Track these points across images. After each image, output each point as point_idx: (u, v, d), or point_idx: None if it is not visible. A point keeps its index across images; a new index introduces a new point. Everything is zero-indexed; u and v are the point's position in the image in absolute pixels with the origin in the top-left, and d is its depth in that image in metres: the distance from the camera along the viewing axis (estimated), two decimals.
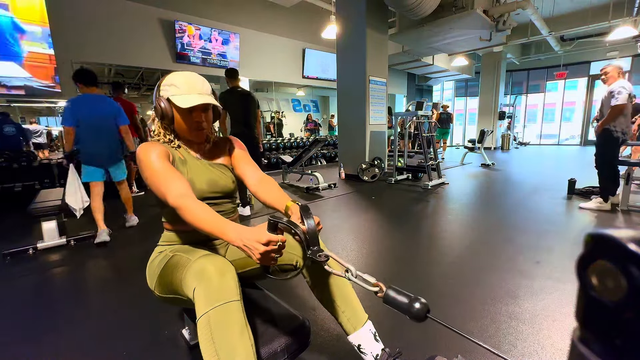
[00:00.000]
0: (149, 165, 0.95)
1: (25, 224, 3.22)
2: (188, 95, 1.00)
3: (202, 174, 1.06)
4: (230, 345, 0.75)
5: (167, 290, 0.97)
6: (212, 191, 1.07)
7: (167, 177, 0.93)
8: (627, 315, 0.20)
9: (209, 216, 0.85)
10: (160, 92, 1.02)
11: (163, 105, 1.01)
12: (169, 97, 1.00)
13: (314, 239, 0.81)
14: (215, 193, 1.08)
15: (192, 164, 1.06)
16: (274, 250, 0.78)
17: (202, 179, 1.05)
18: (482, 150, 7.30)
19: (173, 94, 1.01)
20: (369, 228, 2.85)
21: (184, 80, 1.02)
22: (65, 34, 5.32)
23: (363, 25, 5.04)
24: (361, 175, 5.13)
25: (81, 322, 1.55)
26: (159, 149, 0.98)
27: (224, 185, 1.10)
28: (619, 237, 0.21)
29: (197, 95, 1.01)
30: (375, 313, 1.51)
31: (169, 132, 1.07)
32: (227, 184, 1.11)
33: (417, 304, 0.61)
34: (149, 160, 0.95)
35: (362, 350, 0.98)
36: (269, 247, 0.77)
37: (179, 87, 1.01)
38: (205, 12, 6.84)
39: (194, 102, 0.98)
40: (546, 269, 1.94)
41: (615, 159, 3.11)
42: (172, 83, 1.01)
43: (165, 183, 0.92)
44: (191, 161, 1.07)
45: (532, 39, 8.52)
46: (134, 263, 2.22)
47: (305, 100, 14.28)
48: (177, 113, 1.02)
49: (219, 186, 1.09)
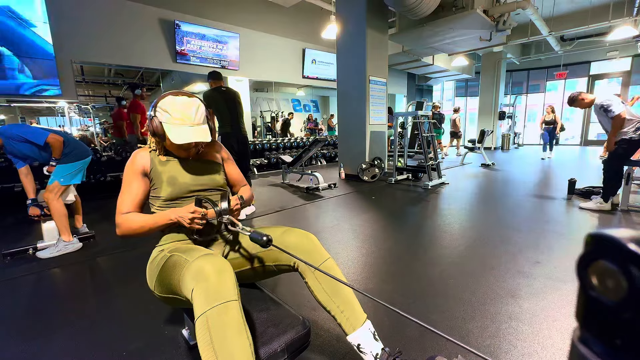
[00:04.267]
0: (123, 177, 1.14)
1: (25, 224, 3.22)
2: (181, 128, 1.06)
3: (186, 169, 1.15)
4: (229, 345, 0.75)
5: (167, 291, 0.97)
6: (198, 184, 1.15)
7: (123, 193, 1.10)
8: (627, 315, 0.20)
9: (143, 217, 1.07)
10: (156, 112, 1.08)
11: (155, 124, 1.08)
12: (162, 123, 1.07)
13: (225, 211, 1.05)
14: (202, 185, 1.16)
15: (173, 163, 1.15)
16: (196, 217, 1.02)
17: (184, 174, 1.14)
18: (482, 150, 7.31)
19: (167, 122, 1.06)
20: (369, 228, 2.85)
21: (178, 110, 1.07)
22: (65, 34, 5.32)
23: (363, 25, 5.04)
24: (361, 175, 5.13)
25: (81, 322, 1.55)
26: (138, 162, 1.12)
27: (211, 178, 1.18)
28: (619, 237, 0.21)
29: (189, 129, 1.07)
30: (375, 313, 1.51)
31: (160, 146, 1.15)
32: (214, 177, 1.19)
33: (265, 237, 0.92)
34: (124, 173, 1.13)
35: (362, 349, 0.98)
36: (194, 215, 1.01)
37: (173, 116, 1.06)
38: (205, 12, 6.84)
39: (186, 140, 1.06)
40: (546, 269, 1.94)
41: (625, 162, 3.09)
42: (167, 110, 1.07)
43: (120, 198, 1.10)
44: (172, 160, 1.15)
45: (532, 39, 8.52)
46: (134, 263, 2.22)
47: (305, 100, 14.29)
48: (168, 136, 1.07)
49: (204, 179, 1.16)
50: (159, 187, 1.11)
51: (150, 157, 1.14)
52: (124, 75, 10.57)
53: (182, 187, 1.11)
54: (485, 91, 11.40)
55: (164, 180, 1.11)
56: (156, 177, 1.12)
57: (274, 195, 4.35)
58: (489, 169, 6.33)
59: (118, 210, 1.09)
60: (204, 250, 0.97)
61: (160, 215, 1.06)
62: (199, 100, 1.13)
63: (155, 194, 1.13)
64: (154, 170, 1.12)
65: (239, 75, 7.59)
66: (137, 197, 1.11)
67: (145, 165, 1.12)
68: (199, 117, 1.10)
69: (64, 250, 2.40)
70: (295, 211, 3.52)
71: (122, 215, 1.08)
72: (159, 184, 1.11)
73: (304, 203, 3.84)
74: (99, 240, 2.70)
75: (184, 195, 1.12)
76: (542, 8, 7.69)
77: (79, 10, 5.41)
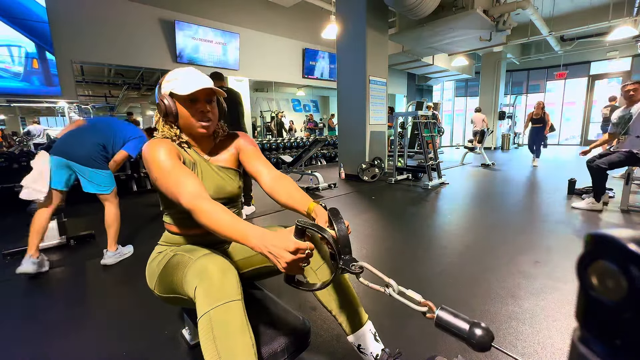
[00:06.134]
0: (158, 164, 0.89)
1: (25, 224, 3.22)
2: (189, 79, 0.97)
3: (210, 178, 1.03)
4: (232, 344, 0.75)
5: (168, 290, 0.96)
6: (218, 197, 1.03)
7: (179, 176, 0.87)
8: (627, 315, 0.20)
9: (228, 219, 0.79)
10: (162, 89, 0.99)
11: (166, 102, 0.96)
12: (171, 91, 0.97)
13: (345, 246, 0.72)
14: (221, 199, 1.04)
15: (202, 167, 1.03)
16: (301, 259, 0.71)
17: (209, 184, 1.02)
18: (482, 150, 7.31)
19: (174, 86, 0.97)
20: (368, 228, 2.85)
21: (184, 72, 0.99)
22: (65, 34, 5.32)
23: (363, 25, 5.04)
24: (361, 175, 5.13)
25: (81, 322, 1.55)
26: (168, 146, 0.93)
27: (230, 191, 1.07)
28: (619, 237, 0.21)
29: (199, 77, 0.98)
30: (376, 313, 1.51)
31: (175, 128, 1.01)
32: (233, 190, 1.08)
33: (479, 331, 0.50)
34: (157, 159, 0.89)
35: (362, 350, 0.98)
36: (297, 256, 0.70)
37: (179, 79, 0.98)
38: (205, 12, 6.84)
39: (195, 87, 0.94)
40: (546, 269, 1.94)
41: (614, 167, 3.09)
42: (173, 77, 0.99)
43: (177, 183, 0.86)
44: (201, 163, 1.04)
45: (532, 39, 8.52)
46: (134, 262, 2.22)
47: (305, 100, 14.29)
48: (181, 107, 0.97)
49: (225, 192, 1.06)
50: None
51: (176, 148, 0.98)
52: (124, 75, 10.56)
53: None
54: (485, 91, 11.41)
55: None
56: None
57: None
58: (489, 169, 6.33)
59: (186, 191, 0.84)
60: (207, 249, 0.96)
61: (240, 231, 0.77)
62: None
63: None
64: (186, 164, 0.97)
65: (239, 75, 7.60)
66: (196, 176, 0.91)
67: (178, 152, 0.96)
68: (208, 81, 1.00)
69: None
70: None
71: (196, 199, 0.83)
72: None
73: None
74: (99, 240, 2.69)
75: None
76: (542, 8, 7.69)
77: (79, 10, 5.42)
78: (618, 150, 3.06)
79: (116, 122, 2.38)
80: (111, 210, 2.25)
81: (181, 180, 0.87)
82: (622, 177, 3.19)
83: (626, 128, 3.06)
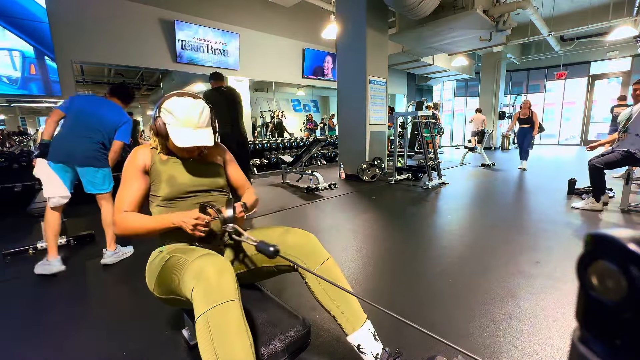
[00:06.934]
0: (123, 174, 1.12)
1: (25, 224, 3.22)
2: (184, 131, 1.05)
3: (186, 169, 1.14)
4: (229, 344, 0.75)
5: (167, 291, 0.96)
6: (196, 184, 1.14)
7: (122, 190, 1.09)
8: (627, 315, 0.20)
9: (147, 217, 1.05)
10: (161, 113, 1.08)
11: (160, 125, 1.08)
12: (166, 124, 1.07)
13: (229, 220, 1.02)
14: (201, 187, 1.15)
15: (173, 162, 1.14)
16: (200, 224, 0.99)
17: (184, 174, 1.13)
18: (482, 150, 7.31)
19: (170, 123, 1.06)
20: (368, 228, 2.85)
21: (182, 111, 1.05)
22: (65, 34, 5.32)
23: (363, 25, 5.04)
24: (361, 175, 5.13)
25: (81, 322, 1.55)
26: (139, 159, 1.11)
27: (211, 180, 1.18)
28: (619, 237, 0.21)
29: (193, 132, 1.06)
30: (375, 313, 1.51)
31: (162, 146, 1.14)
32: (214, 179, 1.19)
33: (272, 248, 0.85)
34: (124, 169, 1.12)
35: (362, 350, 0.98)
36: (197, 222, 0.98)
37: (176, 118, 1.05)
38: (205, 12, 6.84)
39: (189, 143, 1.05)
40: (546, 269, 1.94)
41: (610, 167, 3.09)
42: (171, 111, 1.06)
43: (119, 195, 1.09)
44: (173, 160, 1.14)
45: (532, 39, 8.52)
46: (134, 262, 2.22)
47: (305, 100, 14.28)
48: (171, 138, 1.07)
49: (203, 180, 1.16)
50: (158, 186, 1.11)
51: (151, 154, 1.13)
52: (124, 75, 10.55)
53: (180, 187, 1.11)
54: (485, 91, 11.40)
55: (163, 180, 1.10)
56: (156, 175, 1.12)
57: (274, 195, 4.34)
58: (489, 169, 6.33)
59: (116, 208, 1.07)
60: (204, 250, 0.97)
61: (162, 218, 1.04)
62: (204, 102, 1.12)
63: (154, 193, 1.13)
64: (154, 168, 1.12)
65: (239, 75, 7.59)
66: (137, 195, 1.10)
67: (146, 163, 1.11)
68: (204, 120, 1.09)
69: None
70: (295, 211, 3.52)
71: (121, 213, 1.06)
72: (158, 182, 1.11)
73: (304, 203, 3.84)
74: (98, 240, 2.69)
75: (182, 195, 1.11)
76: (542, 8, 7.69)
77: (79, 10, 5.41)
78: (616, 149, 3.06)
79: (100, 109, 2.25)
80: (108, 209, 2.26)
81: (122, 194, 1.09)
82: (622, 177, 3.19)
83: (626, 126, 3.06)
